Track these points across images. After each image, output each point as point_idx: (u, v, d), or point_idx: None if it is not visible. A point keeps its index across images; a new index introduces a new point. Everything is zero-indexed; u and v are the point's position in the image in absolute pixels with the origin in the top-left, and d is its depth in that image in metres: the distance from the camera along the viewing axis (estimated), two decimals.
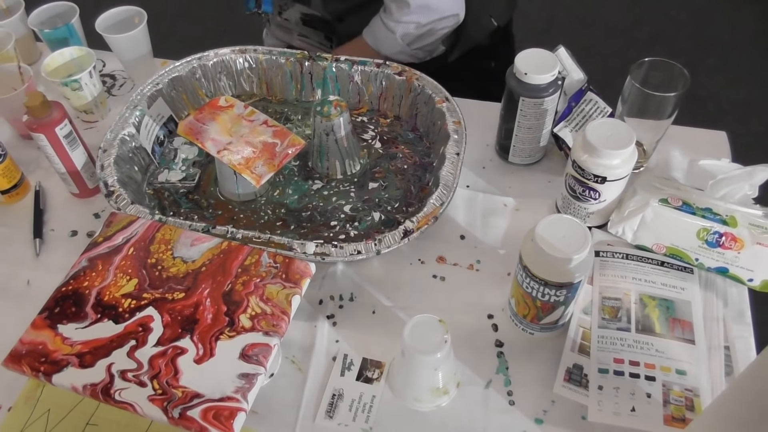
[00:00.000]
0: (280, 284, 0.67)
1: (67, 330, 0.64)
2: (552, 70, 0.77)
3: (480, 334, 0.73)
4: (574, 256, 0.61)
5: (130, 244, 0.70)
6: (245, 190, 0.83)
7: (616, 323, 0.69)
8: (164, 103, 0.91)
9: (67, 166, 0.82)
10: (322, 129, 0.82)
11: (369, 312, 0.75)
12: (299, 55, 0.94)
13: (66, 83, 0.89)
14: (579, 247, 0.61)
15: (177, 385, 0.60)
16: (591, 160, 0.71)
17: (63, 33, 0.97)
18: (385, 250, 0.72)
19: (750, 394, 0.45)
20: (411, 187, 0.85)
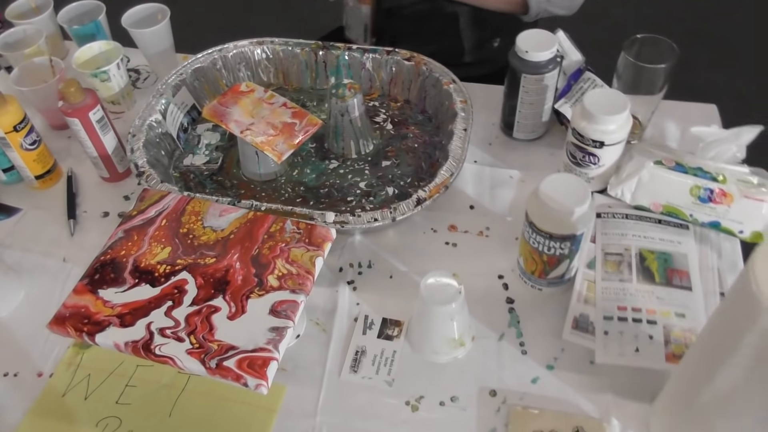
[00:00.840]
0: (304, 248, 0.72)
1: (107, 294, 0.69)
2: (551, 47, 0.83)
3: (492, 293, 0.77)
4: (575, 209, 0.66)
5: (163, 216, 0.76)
6: (266, 170, 0.88)
7: (619, 275, 0.74)
8: (187, 92, 0.97)
9: (99, 150, 0.88)
10: (338, 110, 0.87)
11: (386, 277, 0.80)
12: (314, 45, 0.99)
13: (95, 74, 0.95)
14: (580, 201, 0.66)
15: (212, 339, 0.65)
16: (589, 127, 0.76)
17: (90, 29, 1.03)
18: (400, 217, 0.77)
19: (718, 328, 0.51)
20: (422, 163, 0.91)
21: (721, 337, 0.50)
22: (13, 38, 1.03)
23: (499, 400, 0.69)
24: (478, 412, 0.68)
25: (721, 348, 0.50)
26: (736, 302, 0.48)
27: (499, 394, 0.69)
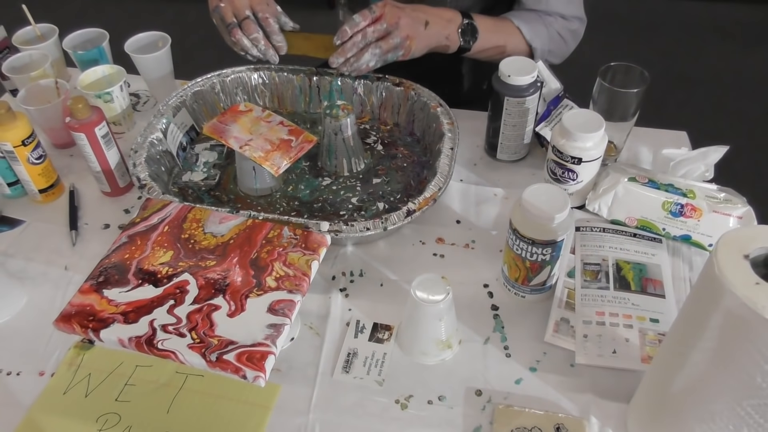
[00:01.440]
0: (300, 252, 0.75)
1: (112, 294, 0.72)
2: (531, 72, 0.89)
3: (477, 301, 0.82)
4: (556, 216, 0.70)
5: (165, 223, 0.79)
6: (262, 185, 0.93)
7: (597, 283, 0.78)
8: (187, 113, 1.02)
9: (102, 165, 0.92)
10: (332, 129, 0.92)
11: (377, 285, 0.84)
12: (308, 71, 1.05)
13: (99, 95, 0.99)
14: (560, 208, 0.71)
15: (213, 335, 0.68)
16: (568, 144, 0.81)
17: (94, 55, 1.08)
18: (391, 227, 0.81)
19: (687, 315, 0.56)
20: (411, 181, 0.96)
21: (689, 322, 0.55)
22: (19, 62, 1.08)
23: (484, 399, 0.72)
24: (465, 410, 0.71)
25: (690, 333, 0.55)
26: (702, 288, 0.52)
27: (484, 394, 0.73)
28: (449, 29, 0.99)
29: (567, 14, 1.07)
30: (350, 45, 0.92)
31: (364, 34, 0.92)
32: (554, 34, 1.07)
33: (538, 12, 1.06)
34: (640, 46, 2.51)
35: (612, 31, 2.54)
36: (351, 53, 0.93)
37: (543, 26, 1.06)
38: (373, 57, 0.93)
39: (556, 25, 1.07)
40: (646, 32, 2.62)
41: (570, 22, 1.08)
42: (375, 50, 0.93)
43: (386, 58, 0.94)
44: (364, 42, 0.92)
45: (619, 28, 2.58)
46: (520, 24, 1.04)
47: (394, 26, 0.93)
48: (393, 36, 0.92)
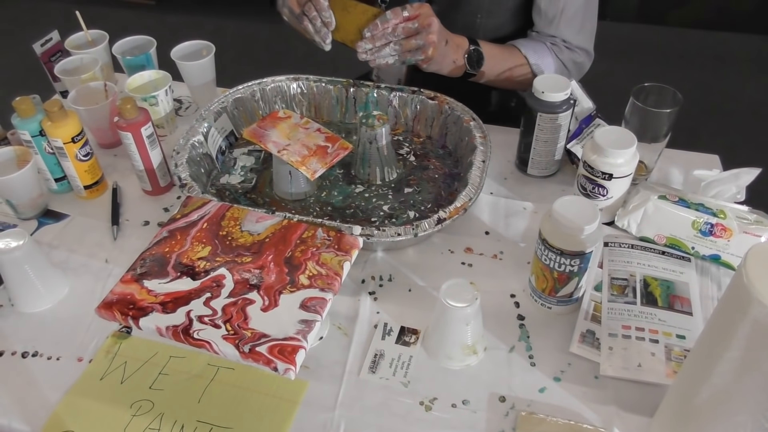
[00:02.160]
0: (333, 252, 0.78)
1: (151, 284, 0.75)
2: (565, 89, 0.91)
3: (504, 310, 0.83)
4: (585, 227, 0.72)
5: (204, 220, 0.82)
6: (297, 189, 0.95)
7: (624, 298, 0.79)
8: (227, 118, 1.05)
9: (146, 164, 0.95)
10: (367, 138, 0.95)
11: (406, 290, 0.86)
12: (345, 83, 1.08)
13: (145, 98, 1.04)
14: (590, 220, 0.72)
15: (246, 327, 0.70)
16: (599, 159, 0.83)
17: (141, 61, 1.13)
18: (422, 234, 0.83)
19: (715, 325, 0.56)
20: (441, 191, 0.98)
21: (716, 332, 0.56)
22: (71, 65, 1.13)
23: (507, 406, 0.73)
24: (488, 415, 0.72)
25: (717, 343, 0.55)
26: (730, 297, 0.53)
27: (507, 401, 0.74)
28: (458, 54, 1.03)
29: (574, 44, 1.10)
30: (380, 34, 0.95)
31: (394, 29, 0.95)
32: (559, 64, 1.10)
33: (546, 40, 1.09)
34: (673, 74, 2.51)
35: (645, 60, 2.55)
36: (379, 43, 0.96)
37: (550, 57, 1.09)
38: (392, 52, 0.96)
39: (561, 56, 1.10)
40: (679, 62, 2.62)
41: (575, 54, 1.11)
42: (395, 47, 0.95)
43: (405, 58, 0.97)
44: (391, 37, 0.95)
45: (652, 58, 2.59)
46: (528, 53, 1.08)
47: (425, 28, 0.95)
48: (417, 37, 0.95)
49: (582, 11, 1.08)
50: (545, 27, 1.08)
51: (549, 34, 1.09)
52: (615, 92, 1.36)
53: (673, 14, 2.79)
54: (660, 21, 2.78)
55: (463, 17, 1.08)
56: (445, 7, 1.09)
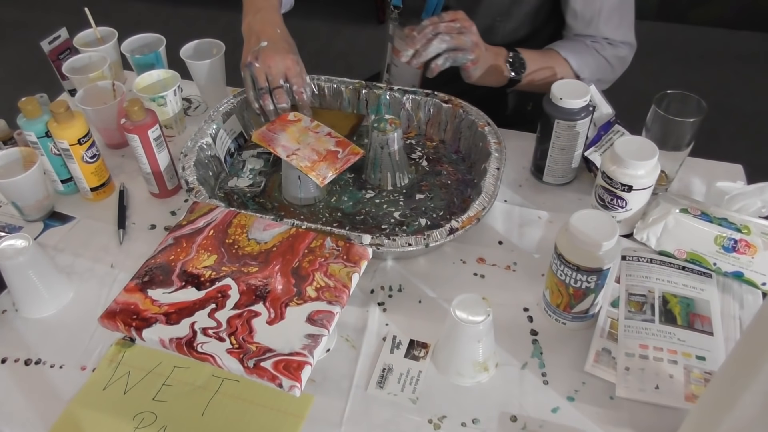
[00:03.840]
0: (342, 263, 0.76)
1: (155, 294, 0.73)
2: (584, 96, 0.88)
3: (516, 324, 0.80)
4: (603, 243, 0.69)
5: (211, 227, 0.80)
6: (306, 194, 0.93)
7: (641, 315, 0.76)
8: (237, 120, 1.03)
9: (153, 167, 0.94)
10: (378, 142, 0.92)
11: (416, 301, 0.83)
12: (357, 84, 1.06)
13: (154, 98, 1.02)
14: (608, 236, 0.69)
15: (251, 341, 0.68)
16: (619, 171, 0.80)
17: (151, 59, 1.11)
18: (433, 244, 0.81)
19: (740, 356, 0.54)
20: (454, 198, 0.95)
21: (742, 362, 0.53)
22: (79, 63, 1.11)
23: (519, 426, 0.71)
24: None
25: (743, 374, 0.52)
26: (758, 327, 0.51)
27: (519, 420, 0.71)
28: (498, 60, 1.00)
29: (616, 40, 1.06)
30: (420, 36, 0.91)
31: (435, 26, 0.91)
32: (602, 62, 1.06)
33: (586, 39, 1.05)
34: (694, 74, 2.46)
35: (664, 59, 2.50)
36: (420, 43, 0.91)
37: (591, 56, 1.05)
38: (441, 43, 0.90)
39: (604, 53, 1.06)
40: (699, 62, 2.56)
41: (618, 49, 1.07)
42: (445, 37, 0.90)
43: (457, 57, 0.93)
44: (434, 32, 0.91)
45: (673, 57, 2.54)
46: (568, 55, 1.04)
47: (468, 29, 0.92)
48: (465, 35, 0.91)
49: (619, 5, 1.04)
50: (583, 28, 1.05)
51: (588, 35, 1.06)
52: (634, 93, 1.33)
53: (694, 12, 2.73)
54: (681, 19, 2.72)
55: (482, 20, 1.05)
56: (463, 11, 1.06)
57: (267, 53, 0.96)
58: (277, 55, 0.97)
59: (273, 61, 0.96)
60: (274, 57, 0.96)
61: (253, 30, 1.00)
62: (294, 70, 0.98)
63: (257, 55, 0.96)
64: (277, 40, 0.98)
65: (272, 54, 0.97)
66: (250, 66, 0.97)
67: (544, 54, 1.04)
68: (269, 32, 0.99)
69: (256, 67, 0.97)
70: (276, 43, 0.98)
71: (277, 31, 1.00)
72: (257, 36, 0.98)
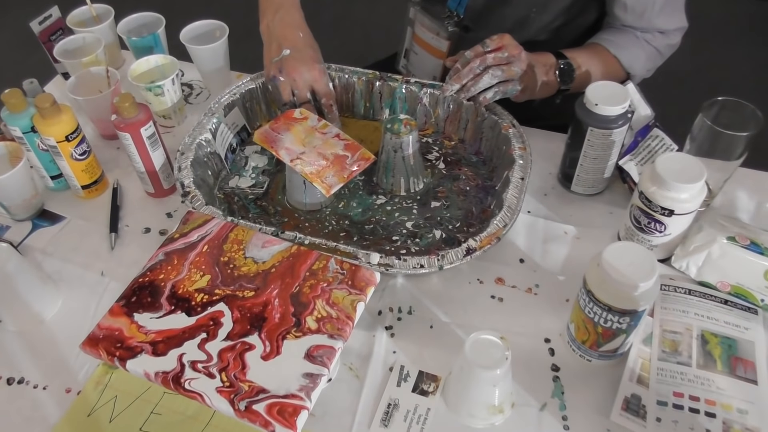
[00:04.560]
0: (346, 290, 0.69)
1: (142, 319, 0.67)
2: (623, 102, 0.79)
3: (536, 357, 0.73)
4: (640, 284, 0.61)
5: (205, 242, 0.74)
6: (312, 199, 0.86)
7: (677, 357, 0.69)
8: (239, 112, 0.96)
9: (147, 166, 0.87)
10: (391, 146, 0.84)
11: (426, 326, 0.77)
12: (371, 75, 0.97)
13: (150, 88, 0.94)
14: (646, 275, 0.62)
15: (244, 379, 0.62)
16: (659, 193, 0.71)
17: (149, 42, 1.03)
18: (448, 266, 0.74)
19: None
20: (473, 208, 0.87)
21: None
22: (72, 45, 1.03)
23: None
24: None
25: None
26: None
27: None
28: (549, 74, 0.92)
29: (670, 29, 0.96)
30: (467, 71, 0.85)
31: (483, 60, 0.84)
32: (652, 53, 0.96)
33: (635, 31, 0.95)
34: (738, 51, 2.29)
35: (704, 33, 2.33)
36: (467, 79, 0.85)
37: (641, 48, 0.95)
38: (493, 79, 0.84)
39: (655, 43, 0.95)
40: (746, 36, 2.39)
41: (671, 37, 0.97)
42: (496, 72, 0.84)
43: (507, 90, 0.86)
44: (482, 67, 0.84)
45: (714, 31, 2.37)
46: (617, 52, 0.94)
47: (515, 57, 0.84)
48: (514, 65, 0.84)
49: None
50: (635, 21, 0.95)
51: (639, 27, 0.95)
52: (673, 74, 1.20)
53: None
54: None
55: (516, 12, 0.96)
56: (497, 3, 0.96)
57: (291, 64, 0.89)
58: (303, 66, 0.89)
59: (298, 73, 0.89)
60: (299, 68, 0.89)
61: (273, 34, 0.92)
62: (321, 81, 0.91)
63: (280, 67, 0.89)
64: (301, 46, 0.91)
65: (297, 65, 0.89)
66: (275, 80, 0.90)
67: (592, 54, 0.94)
68: (291, 37, 0.91)
69: (281, 81, 0.90)
70: (300, 50, 0.90)
71: (300, 35, 0.92)
72: (278, 43, 0.91)
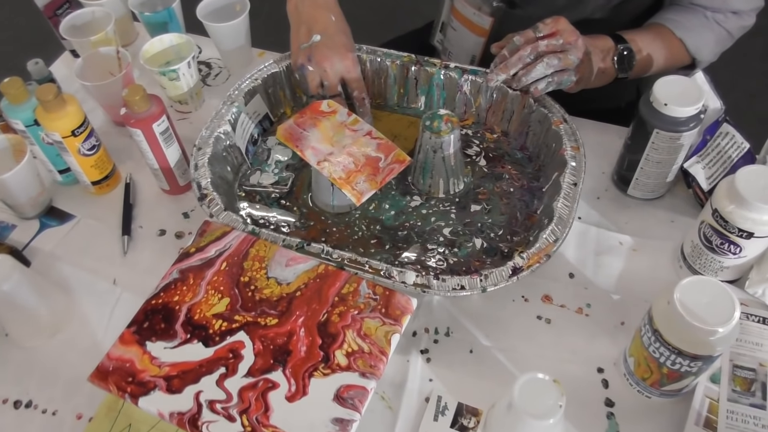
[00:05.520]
0: (379, 319, 0.62)
1: (155, 348, 0.61)
2: (696, 102, 0.69)
3: (588, 389, 0.66)
4: (719, 329, 0.53)
5: (223, 258, 0.67)
6: (340, 202, 0.78)
7: (750, 398, 0.61)
8: (261, 100, 0.87)
9: (161, 163, 0.79)
10: (430, 145, 0.76)
11: (466, 350, 0.70)
12: (406, 59, 0.87)
13: (164, 72, 0.86)
14: (725, 318, 0.54)
15: (267, 423, 0.56)
16: (738, 212, 0.62)
17: (163, 17, 0.94)
18: (492, 288, 0.66)
19: None
20: (517, 213, 0.79)
21: None
22: (80, 20, 0.95)
23: None
24: None
25: None
26: None
27: None
28: (606, 61, 0.81)
29: (745, 8, 0.84)
30: (516, 59, 0.75)
31: (535, 47, 0.74)
32: (722, 35, 0.85)
33: (705, 10, 0.84)
34: None
35: None
36: (516, 68, 0.76)
37: (710, 31, 0.83)
38: (548, 69, 0.75)
39: (726, 25, 0.84)
40: None
41: (745, 18, 0.85)
42: (552, 60, 0.74)
43: (562, 81, 0.77)
44: (533, 55, 0.75)
45: None
46: (683, 35, 0.83)
47: (572, 44, 0.74)
48: (570, 53, 0.74)
49: None
50: (709, 1, 0.84)
51: (710, 6, 0.84)
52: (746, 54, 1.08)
53: None
54: None
55: None
56: None
57: (321, 52, 0.80)
58: (335, 55, 0.80)
59: (329, 63, 0.80)
60: (330, 57, 0.80)
61: (302, 17, 0.82)
62: (354, 72, 0.82)
63: (309, 55, 0.80)
64: (333, 32, 0.81)
65: (328, 53, 0.80)
66: (303, 69, 0.81)
67: (655, 36, 0.83)
68: (323, 21, 0.81)
69: (309, 71, 0.81)
70: (332, 36, 0.81)
71: (332, 18, 0.82)
72: (308, 26, 0.81)
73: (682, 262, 0.72)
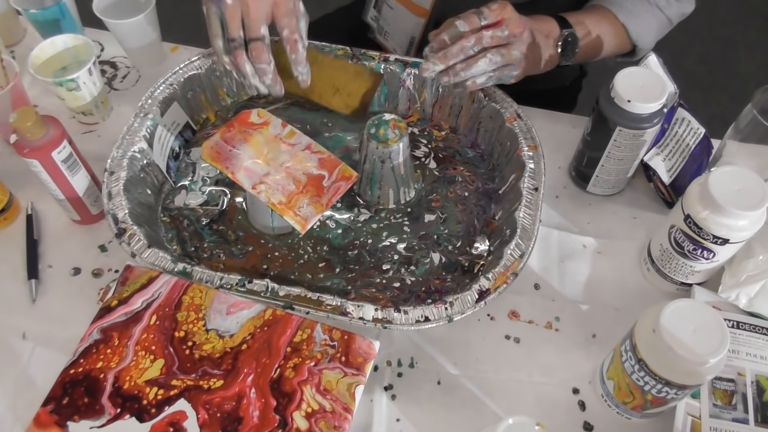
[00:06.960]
0: (340, 370, 0.55)
1: (80, 430, 0.52)
2: (660, 97, 0.64)
3: (564, 412, 0.62)
4: (710, 360, 0.50)
5: (152, 311, 0.58)
6: (281, 223, 0.70)
7: (731, 412, 0.59)
8: (180, 108, 0.77)
9: (67, 193, 0.68)
10: (377, 156, 0.68)
11: (433, 382, 0.64)
12: (341, 51, 0.78)
13: (60, 83, 0.74)
14: (716, 347, 0.50)
15: None
16: (712, 219, 0.58)
17: (53, 14, 0.81)
18: (458, 317, 0.60)
19: None
20: (474, 220, 0.73)
21: None
22: None
23: None
24: None
25: None
26: None
27: None
28: (549, 48, 0.74)
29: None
30: (457, 49, 0.65)
31: (479, 39, 0.65)
32: (663, 22, 0.81)
33: None
34: None
35: None
36: (456, 59, 0.66)
37: (653, 17, 0.79)
38: (490, 65, 0.66)
39: (668, 11, 0.80)
40: None
41: (685, 5, 0.82)
42: (495, 57, 0.66)
43: (502, 76, 0.69)
44: (477, 47, 0.66)
45: None
46: (627, 20, 0.78)
47: (517, 38, 0.67)
48: (514, 46, 0.67)
49: None
50: None
51: None
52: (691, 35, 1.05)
53: None
54: None
55: None
56: None
57: None
58: None
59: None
60: None
61: None
62: (285, 6, 0.66)
63: None
64: None
65: None
66: (219, 2, 0.64)
67: (598, 20, 0.77)
68: None
69: (228, 5, 0.64)
70: None
71: None
72: None
73: (649, 264, 0.69)
